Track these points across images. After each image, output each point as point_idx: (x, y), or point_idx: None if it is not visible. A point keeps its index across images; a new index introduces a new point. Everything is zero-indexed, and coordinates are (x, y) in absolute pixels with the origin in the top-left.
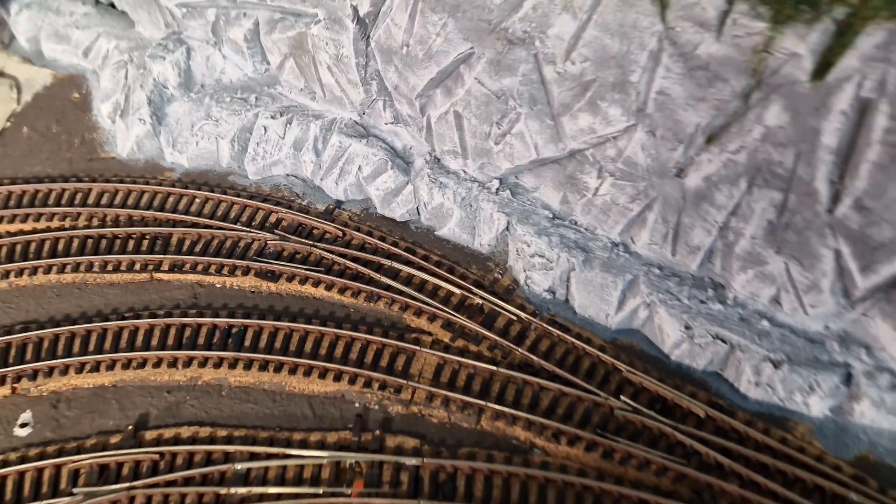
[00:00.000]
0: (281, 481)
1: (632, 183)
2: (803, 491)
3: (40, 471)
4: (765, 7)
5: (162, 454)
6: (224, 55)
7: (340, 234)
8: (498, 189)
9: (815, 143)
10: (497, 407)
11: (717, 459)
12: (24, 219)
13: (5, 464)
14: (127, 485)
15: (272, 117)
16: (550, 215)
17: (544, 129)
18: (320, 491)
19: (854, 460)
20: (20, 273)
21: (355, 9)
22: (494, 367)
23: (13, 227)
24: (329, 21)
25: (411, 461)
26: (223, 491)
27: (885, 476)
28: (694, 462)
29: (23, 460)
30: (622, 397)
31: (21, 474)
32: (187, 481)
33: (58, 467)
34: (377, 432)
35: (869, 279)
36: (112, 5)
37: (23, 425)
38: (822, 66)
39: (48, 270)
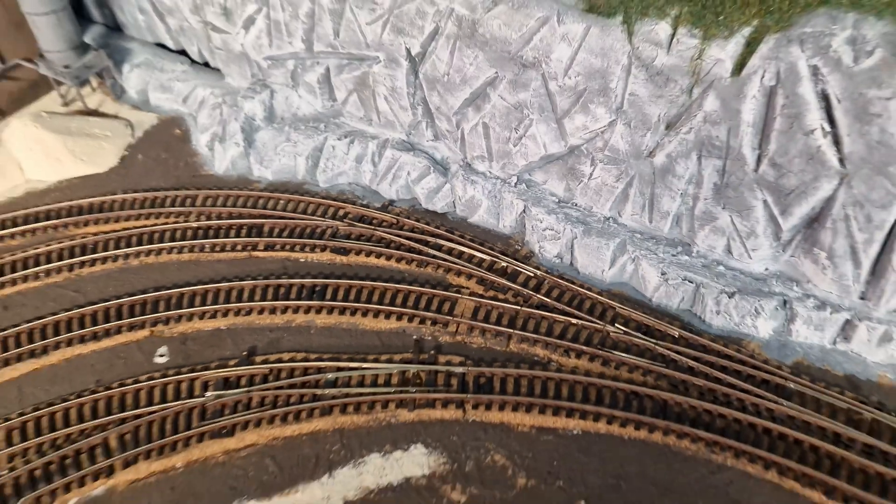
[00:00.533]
0: (360, 384)
1: (616, 166)
2: (753, 383)
3: (179, 382)
4: (697, 29)
5: (270, 369)
6: (299, 94)
7: (394, 221)
8: (516, 183)
9: (739, 120)
10: (521, 333)
11: (687, 364)
12: (148, 217)
13: (151, 378)
14: (245, 389)
15: (338, 139)
16: (557, 200)
17: (550, 130)
18: (391, 391)
19: (792, 364)
20: (148, 254)
21: (408, 50)
22: (518, 307)
23: (140, 223)
24: (387, 61)
25: (458, 369)
26: (318, 392)
27: (814, 373)
28: (671, 366)
29: (164, 376)
30: (616, 325)
31: (165, 385)
32: (290, 386)
33: (192, 380)
34: (431, 352)
35: (788, 221)
36: (206, 64)
37: (160, 356)
38: (738, 67)
39: (170, 252)
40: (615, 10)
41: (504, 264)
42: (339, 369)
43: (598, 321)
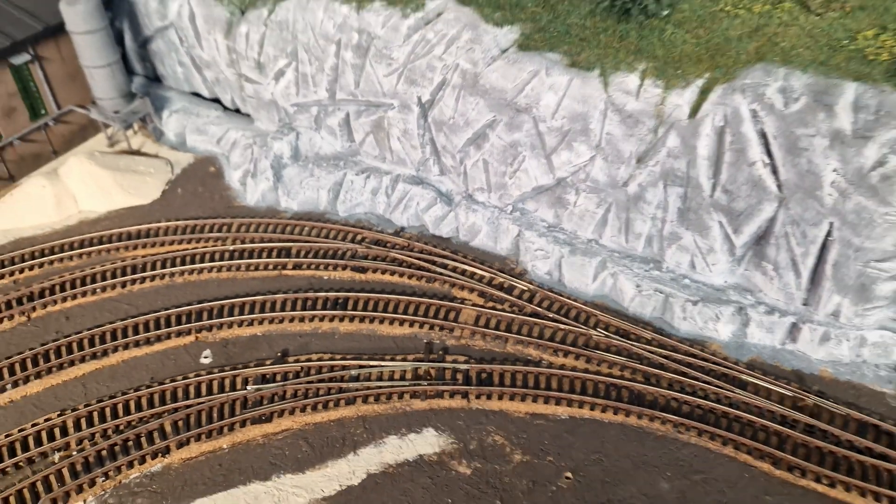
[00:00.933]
0: (379, 379)
1: (596, 194)
2: (714, 376)
3: (223, 378)
4: (660, 80)
5: (301, 367)
6: (322, 136)
7: (406, 244)
8: (511, 211)
9: (695, 155)
10: (517, 336)
11: (658, 361)
12: (189, 241)
13: (199, 375)
14: (280, 383)
15: (356, 174)
16: (547, 225)
17: (540, 165)
18: (406, 384)
19: (747, 361)
20: (191, 273)
21: (419, 98)
22: (514, 315)
23: (182, 247)
24: (401, 107)
25: (463, 366)
26: (343, 385)
27: (766, 369)
28: (644, 362)
29: (209, 374)
30: (597, 329)
31: (211, 381)
32: (319, 381)
33: (234, 376)
34: (440, 353)
35: (740, 238)
36: (237, 110)
37: (205, 357)
38: (694, 110)
39: (210, 270)
40: (593, 65)
41: (501, 280)
42: (361, 367)
43: (582, 326)
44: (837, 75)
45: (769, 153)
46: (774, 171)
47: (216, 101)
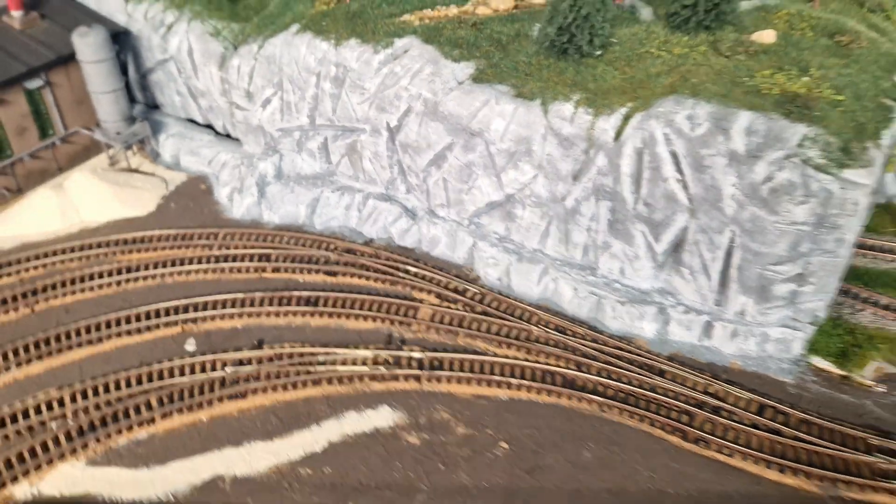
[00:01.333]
0: (343, 364)
1: (540, 209)
2: (637, 365)
3: (204, 362)
4: (591, 109)
5: (275, 354)
6: (303, 158)
7: (374, 253)
8: (468, 224)
9: (620, 173)
10: (467, 331)
11: (590, 352)
12: (179, 247)
13: (183, 359)
14: (255, 367)
15: (332, 192)
16: (498, 236)
17: (492, 182)
18: (367, 369)
19: (668, 355)
20: (180, 273)
21: (388, 123)
22: (466, 314)
23: (172, 252)
24: (372, 132)
25: (417, 355)
26: (311, 369)
27: (684, 361)
28: (577, 354)
29: (192, 358)
30: (538, 325)
31: (193, 364)
32: (290, 365)
33: (214, 360)
34: (398, 343)
35: (660, 246)
36: (227, 135)
37: (190, 346)
38: (618, 134)
39: (197, 272)
40: (536, 95)
41: (456, 284)
42: (328, 354)
43: (525, 323)
44: (735, 105)
45: (680, 170)
46: (685, 186)
47: (209, 126)
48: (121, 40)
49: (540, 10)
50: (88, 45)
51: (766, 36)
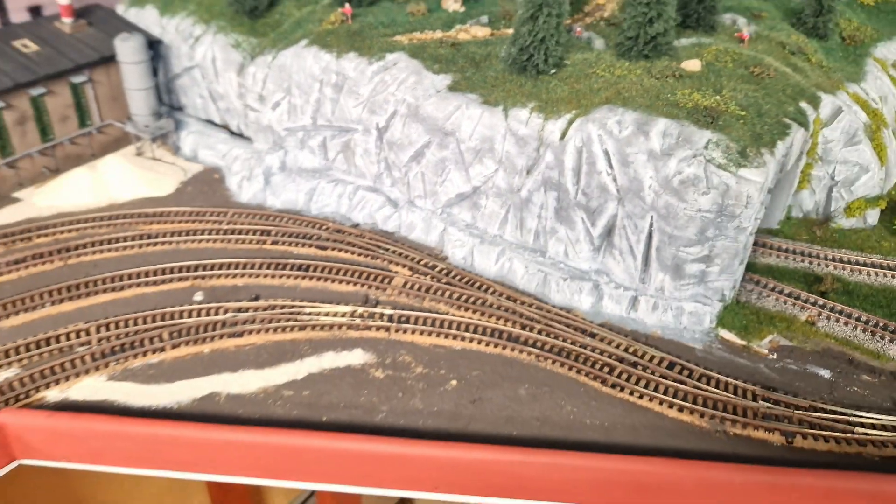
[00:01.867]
0: (325, 316)
1: (500, 199)
2: (571, 328)
3: (209, 309)
4: (542, 114)
5: (269, 304)
6: (304, 154)
7: (359, 234)
8: (440, 213)
9: (564, 167)
10: (432, 296)
11: (533, 316)
12: (193, 221)
13: (191, 305)
14: (253, 313)
15: (327, 183)
16: (465, 223)
17: (462, 176)
18: (345, 320)
19: (601, 323)
20: (192, 241)
21: (377, 124)
22: (432, 283)
23: (187, 224)
24: (363, 131)
25: (388, 311)
26: (298, 317)
27: (613, 328)
28: (523, 317)
29: (199, 305)
30: (493, 295)
31: (200, 309)
32: (280, 313)
33: (217, 308)
34: (373, 302)
35: (596, 230)
36: (240, 134)
37: (197, 296)
38: (563, 135)
39: (206, 241)
40: (499, 103)
41: (427, 261)
42: (313, 307)
43: (482, 293)
44: (655, 114)
45: (610, 165)
46: (614, 179)
47: (225, 126)
48: (154, 48)
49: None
50: (129, 48)
51: (693, 64)
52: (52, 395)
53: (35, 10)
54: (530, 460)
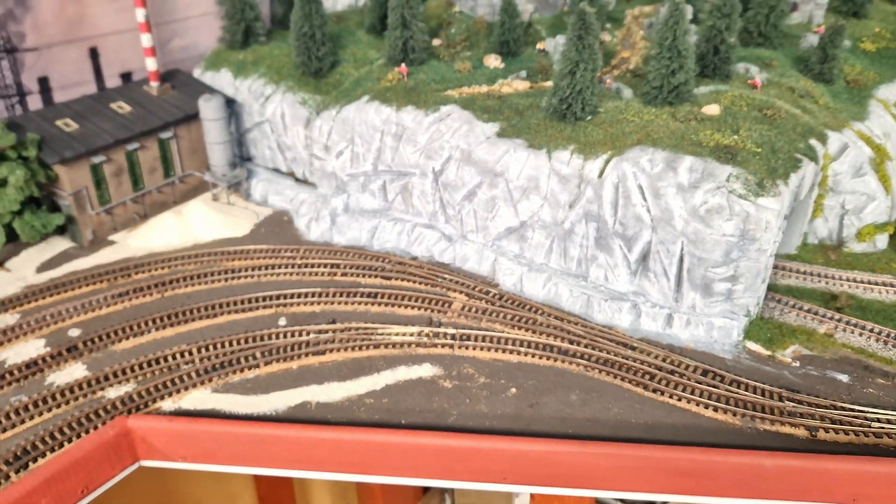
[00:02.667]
0: (396, 336)
1: (545, 231)
2: (616, 343)
3: (294, 331)
4: (582, 155)
5: (346, 327)
6: (366, 196)
7: (419, 265)
8: (491, 245)
9: (602, 201)
10: (487, 318)
11: (580, 333)
12: (269, 257)
13: (285, 329)
14: (332, 334)
15: (387, 222)
16: (514, 254)
17: (510, 212)
18: (413, 339)
19: (640, 339)
20: (271, 275)
21: (433, 168)
22: (487, 306)
23: (265, 260)
24: (420, 175)
25: (451, 331)
26: (372, 337)
27: (650, 342)
28: (570, 333)
29: (284, 328)
30: (542, 315)
31: (286, 332)
32: (356, 334)
33: (301, 330)
34: (437, 324)
35: (633, 256)
36: (305, 181)
37: (281, 321)
38: (600, 173)
39: (284, 274)
40: (543, 146)
41: (481, 287)
42: (384, 328)
43: (532, 313)
44: (681, 152)
45: (644, 198)
46: (648, 210)
47: (291, 174)
48: (230, 105)
49: (547, 90)
50: (211, 107)
51: (712, 109)
52: (167, 405)
53: (126, 76)
54: (586, 451)
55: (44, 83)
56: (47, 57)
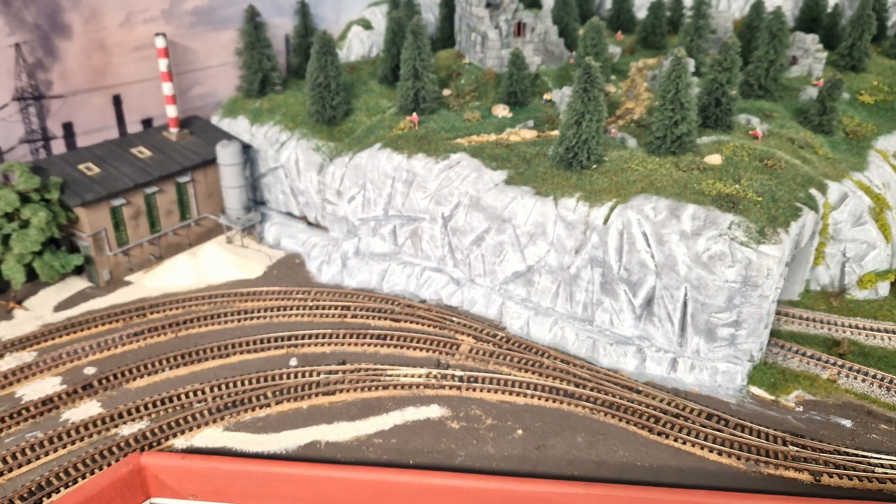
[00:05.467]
0: (404, 377)
1: (551, 275)
2: (620, 386)
3: (304, 371)
4: (587, 202)
5: (356, 367)
6: (376, 240)
7: (427, 308)
8: (499, 289)
9: (608, 247)
10: (494, 360)
11: (586, 377)
12: (281, 299)
13: (297, 370)
14: (342, 375)
15: (397, 265)
16: (521, 297)
17: (517, 257)
18: (422, 380)
19: (645, 382)
20: (283, 316)
21: (443, 214)
22: (494, 349)
23: (277, 302)
24: (430, 220)
25: (459, 373)
26: (381, 378)
27: (656, 386)
28: (576, 377)
29: (295, 369)
30: (549, 358)
31: (297, 372)
32: (366, 375)
33: (311, 371)
34: (444, 366)
35: (637, 301)
36: (317, 225)
37: (292, 361)
38: (606, 219)
39: (295, 315)
40: (549, 193)
41: (488, 330)
42: (393, 369)
43: (539, 357)
44: (684, 200)
45: (648, 244)
46: (652, 256)
47: (303, 218)
48: (247, 151)
49: (554, 139)
50: (228, 153)
51: (714, 159)
52: (179, 442)
53: (147, 122)
54: (592, 493)
55: (68, 128)
56: (72, 103)
